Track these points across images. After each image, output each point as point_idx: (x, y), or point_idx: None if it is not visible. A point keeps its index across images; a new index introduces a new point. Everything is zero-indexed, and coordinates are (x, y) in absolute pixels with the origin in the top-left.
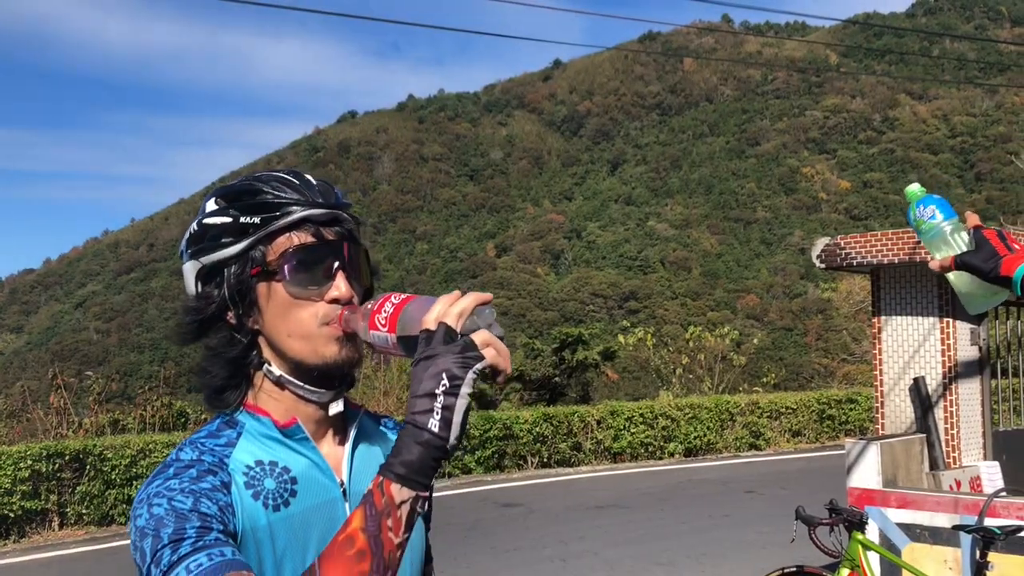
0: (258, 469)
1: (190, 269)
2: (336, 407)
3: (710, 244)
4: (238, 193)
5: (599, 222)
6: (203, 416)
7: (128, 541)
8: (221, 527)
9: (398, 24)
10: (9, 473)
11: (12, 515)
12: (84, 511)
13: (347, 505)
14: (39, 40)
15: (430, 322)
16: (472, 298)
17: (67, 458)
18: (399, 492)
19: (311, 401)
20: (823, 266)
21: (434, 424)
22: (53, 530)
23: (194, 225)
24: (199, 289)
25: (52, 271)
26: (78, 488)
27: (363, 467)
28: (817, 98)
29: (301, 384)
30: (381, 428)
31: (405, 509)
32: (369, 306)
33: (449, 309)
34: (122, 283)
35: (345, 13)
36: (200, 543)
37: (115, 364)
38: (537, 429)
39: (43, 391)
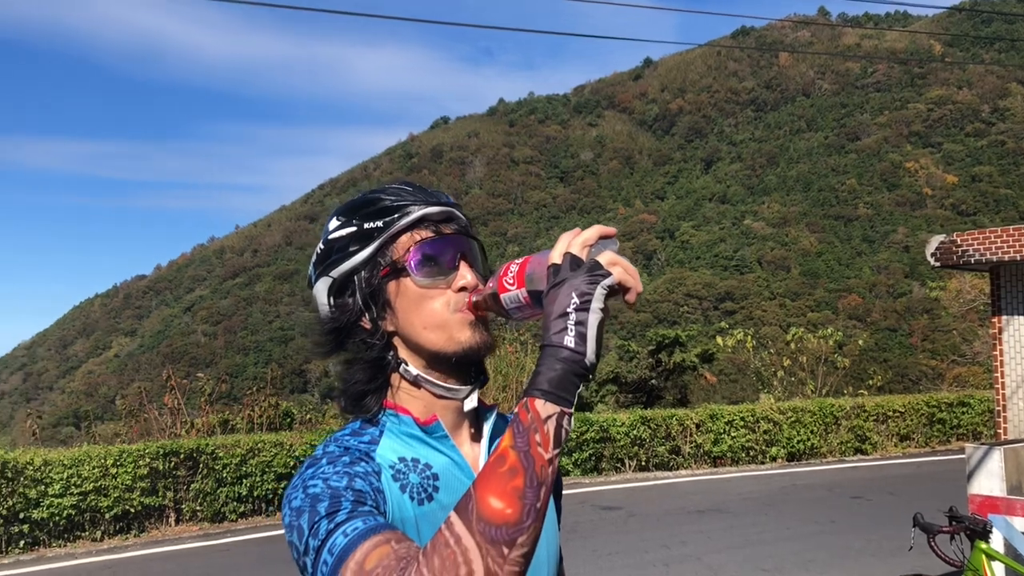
0: (402, 465)
1: (321, 287)
2: (471, 402)
3: (809, 243)
4: (357, 205)
5: (693, 221)
6: (308, 416)
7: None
8: (374, 505)
9: (490, 29)
10: (130, 470)
11: (133, 510)
12: (198, 508)
13: None
14: (148, 55)
15: (556, 257)
16: (596, 230)
17: (182, 456)
18: (544, 407)
19: (447, 398)
20: (938, 264)
21: (569, 340)
22: (170, 525)
23: (320, 245)
24: (332, 303)
25: (162, 277)
26: (192, 486)
27: None
28: (920, 90)
29: (436, 382)
30: None
31: (552, 424)
32: (492, 279)
33: (573, 240)
34: (227, 288)
35: (439, 20)
36: (355, 512)
37: (222, 366)
38: (634, 432)
39: (156, 391)
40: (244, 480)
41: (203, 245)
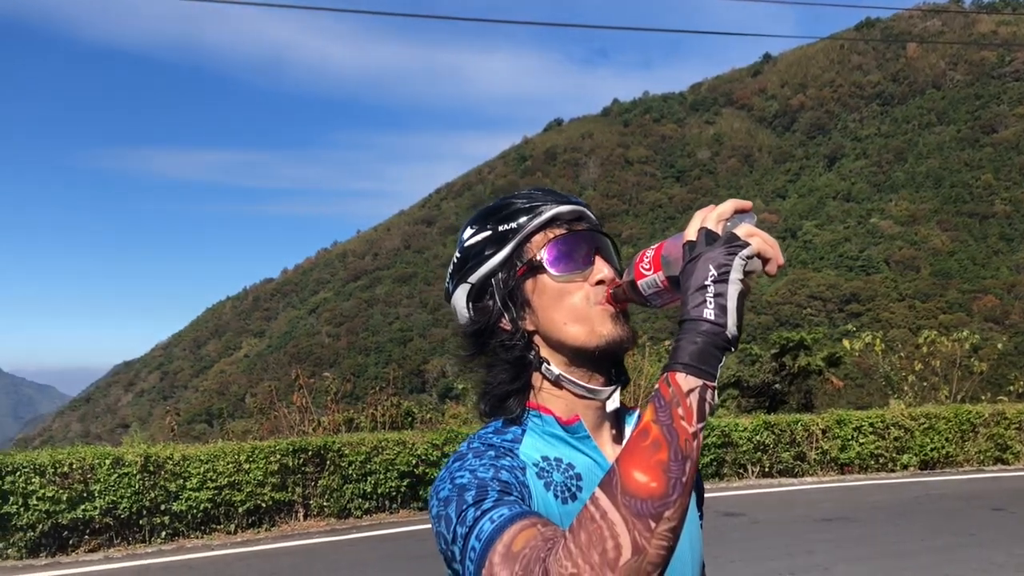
0: (545, 464)
1: (460, 294)
2: (613, 403)
3: (940, 241)
4: (490, 211)
5: (815, 220)
6: (428, 416)
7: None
8: (519, 496)
9: (605, 29)
10: (261, 466)
11: (264, 505)
12: (325, 504)
13: None
14: (277, 68)
15: (690, 233)
16: (731, 203)
17: (310, 453)
18: (685, 380)
19: (589, 398)
20: None
21: (709, 313)
22: (299, 520)
23: (456, 255)
24: (471, 308)
25: (288, 280)
26: (319, 482)
27: None
28: None
29: (578, 381)
30: None
31: (694, 398)
32: (628, 268)
33: (708, 215)
34: (350, 290)
35: (554, 23)
36: (501, 500)
37: (345, 366)
38: (757, 437)
39: (284, 390)
40: (368, 477)
41: (326, 249)
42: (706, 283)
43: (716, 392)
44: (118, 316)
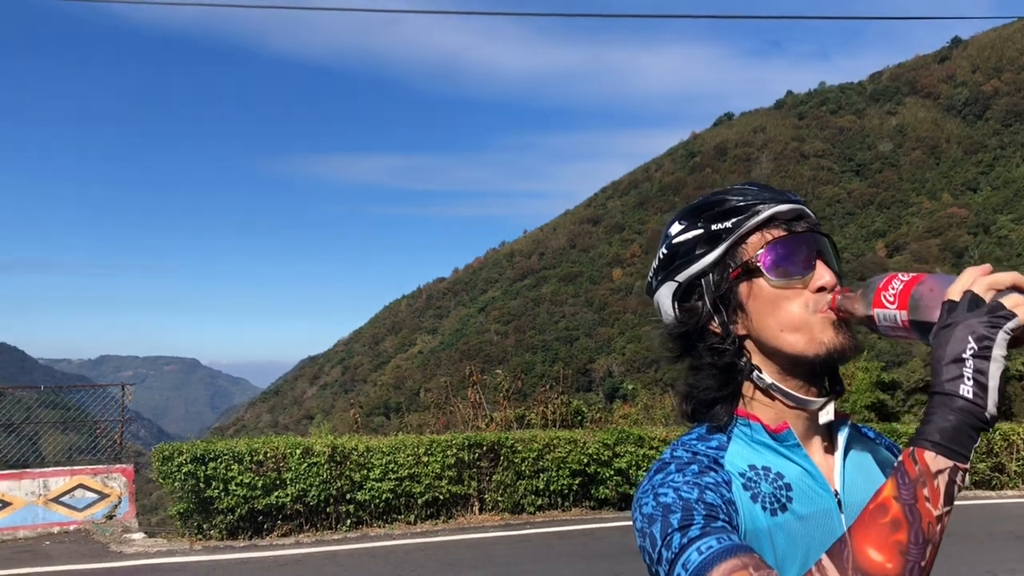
0: (752, 473)
1: (666, 292)
2: (827, 414)
3: None
4: (701, 207)
5: (1012, 214)
6: (597, 415)
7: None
8: (726, 518)
9: (779, 20)
10: (439, 459)
11: (442, 497)
12: (499, 498)
13: (842, 517)
14: (449, 73)
15: (954, 293)
16: (1011, 276)
17: (484, 449)
18: (934, 461)
19: (801, 409)
20: None
21: (966, 390)
22: (474, 513)
23: (662, 250)
24: (677, 308)
25: (459, 279)
26: (494, 477)
27: (855, 478)
28: None
29: (791, 392)
30: (868, 438)
31: (943, 480)
32: (870, 284)
33: (979, 279)
34: (517, 289)
35: (727, 15)
36: (708, 528)
37: (513, 363)
38: None
39: (456, 385)
40: (541, 474)
41: (495, 249)
42: (964, 356)
43: (967, 475)
44: (304, 314)
